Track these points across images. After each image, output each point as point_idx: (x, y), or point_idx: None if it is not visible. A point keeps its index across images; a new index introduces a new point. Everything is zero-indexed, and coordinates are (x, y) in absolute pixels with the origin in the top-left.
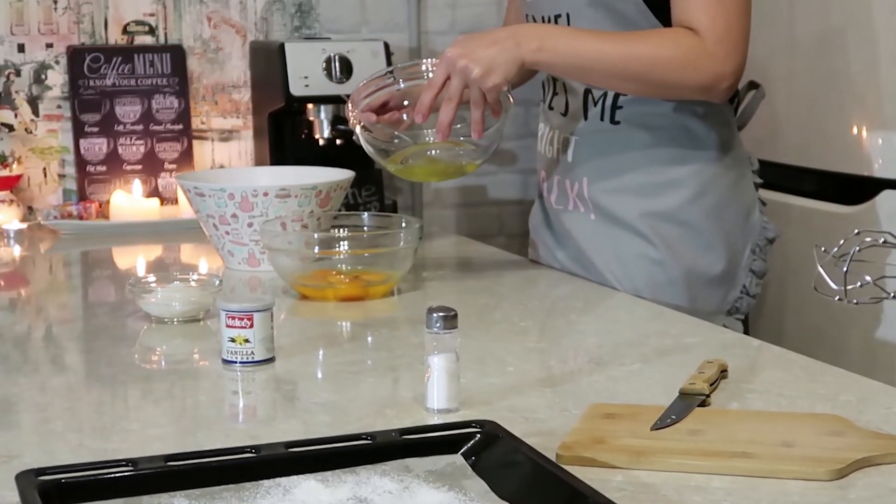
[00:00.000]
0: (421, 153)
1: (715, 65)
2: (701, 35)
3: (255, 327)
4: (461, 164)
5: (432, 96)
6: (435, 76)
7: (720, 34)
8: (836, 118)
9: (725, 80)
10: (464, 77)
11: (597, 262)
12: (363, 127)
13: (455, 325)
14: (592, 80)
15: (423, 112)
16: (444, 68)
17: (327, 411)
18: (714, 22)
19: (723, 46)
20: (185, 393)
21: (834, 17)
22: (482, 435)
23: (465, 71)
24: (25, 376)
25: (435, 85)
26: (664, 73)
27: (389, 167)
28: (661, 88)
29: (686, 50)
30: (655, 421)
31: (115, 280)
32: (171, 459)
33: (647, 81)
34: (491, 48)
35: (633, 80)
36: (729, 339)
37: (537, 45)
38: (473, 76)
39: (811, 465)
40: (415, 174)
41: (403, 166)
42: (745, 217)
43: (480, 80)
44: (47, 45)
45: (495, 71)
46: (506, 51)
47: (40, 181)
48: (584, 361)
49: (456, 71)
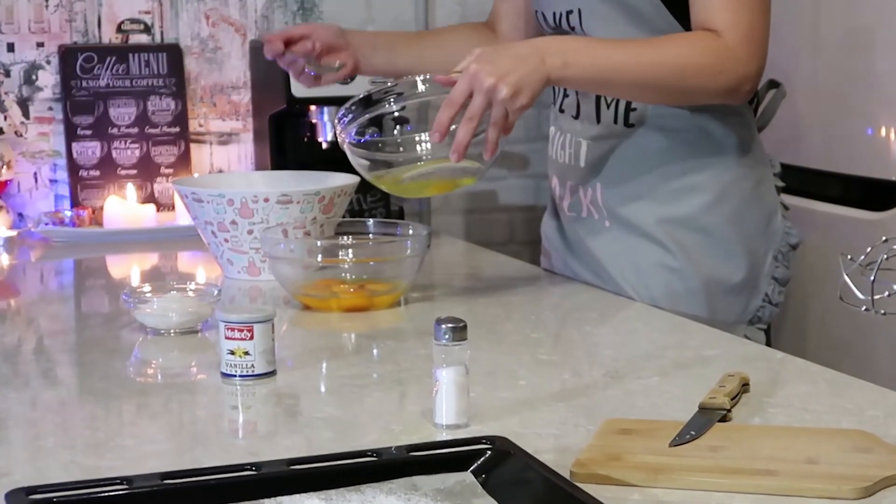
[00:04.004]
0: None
1: (739, 67)
2: (723, 36)
3: (256, 339)
4: (457, 179)
5: (452, 115)
6: (456, 93)
7: (743, 35)
8: (862, 120)
9: (749, 81)
10: (490, 96)
11: (612, 271)
12: (351, 145)
13: (464, 336)
14: (616, 93)
15: (441, 132)
16: (466, 85)
17: (331, 427)
18: (737, 21)
19: (747, 47)
20: (183, 408)
21: (860, 14)
22: (493, 452)
23: (493, 91)
24: (16, 390)
25: (456, 103)
26: (690, 80)
27: (384, 186)
28: (686, 95)
29: (711, 55)
30: (674, 437)
31: (109, 290)
32: (167, 477)
33: (673, 90)
34: (518, 67)
35: (658, 90)
36: (750, 351)
37: (561, 62)
38: (502, 96)
39: (837, 482)
40: (407, 190)
41: (399, 185)
42: (766, 222)
43: (509, 101)
44: (38, 45)
45: (523, 92)
46: (534, 70)
47: (31, 186)
48: (599, 375)
49: (482, 89)
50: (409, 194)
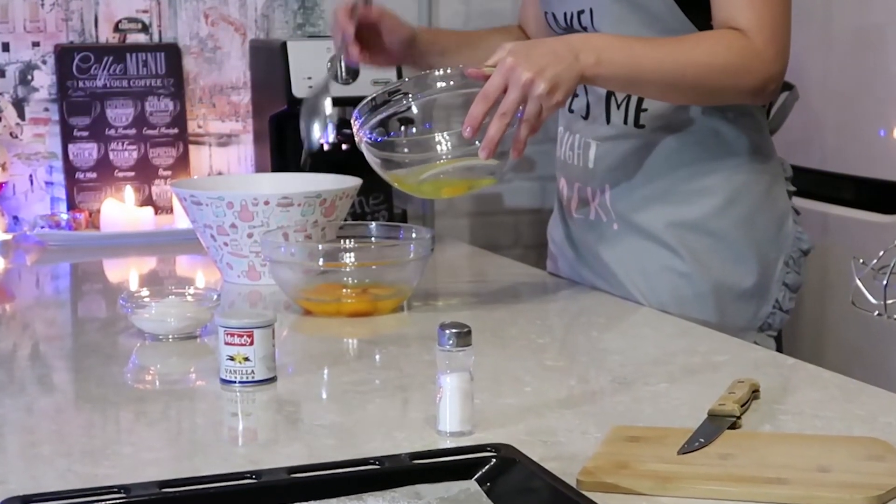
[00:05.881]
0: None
1: (765, 66)
2: (748, 35)
3: (256, 345)
4: (476, 180)
5: (486, 109)
6: (491, 86)
7: (768, 34)
8: (875, 121)
9: (774, 81)
10: (526, 92)
11: (620, 275)
12: (368, 144)
13: (469, 342)
14: (645, 93)
15: (473, 126)
16: (501, 79)
17: (332, 434)
18: (762, 21)
19: (772, 47)
20: (181, 415)
21: (873, 13)
22: (498, 460)
23: (530, 86)
24: (11, 397)
25: (490, 97)
26: (718, 79)
27: (402, 186)
28: (714, 95)
29: (739, 54)
30: (683, 444)
31: (107, 294)
32: (165, 486)
33: (703, 90)
34: (555, 63)
35: (689, 90)
36: (761, 357)
37: (595, 59)
38: (538, 92)
39: (849, 491)
40: (425, 192)
41: (418, 185)
42: (777, 227)
43: (546, 97)
44: (34, 44)
45: (560, 88)
46: (569, 67)
47: (26, 189)
48: (606, 381)
49: (519, 84)
50: (425, 195)
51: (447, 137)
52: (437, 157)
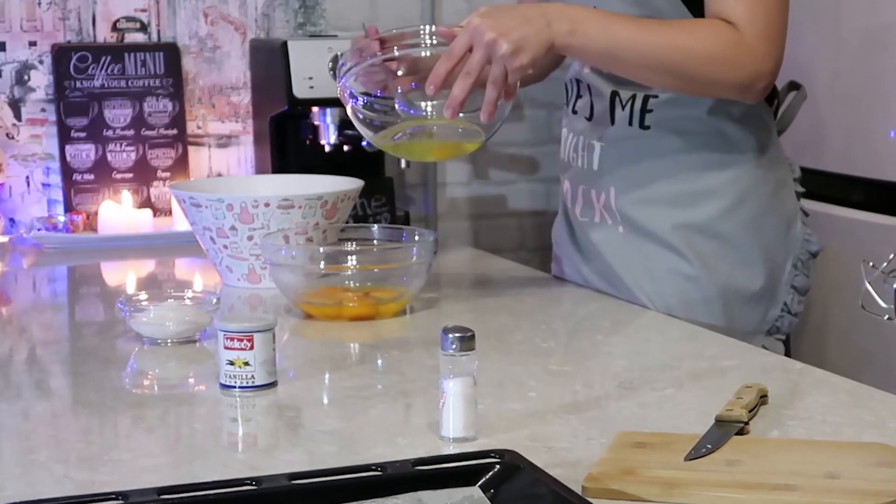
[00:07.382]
0: (418, 130)
1: (755, 62)
2: (740, 29)
3: (256, 349)
4: (461, 142)
5: (450, 67)
6: (455, 45)
7: (760, 29)
8: (885, 122)
9: (763, 79)
10: (489, 52)
11: (625, 279)
12: (352, 95)
13: (472, 346)
14: (623, 71)
15: (436, 84)
16: (467, 38)
17: (334, 440)
18: (754, 16)
19: (763, 43)
20: (180, 420)
21: (882, 13)
22: (501, 466)
23: (493, 46)
24: (7, 402)
25: (455, 56)
26: (701, 67)
27: (380, 144)
28: (696, 84)
29: (726, 44)
30: (689, 450)
31: (104, 298)
32: (164, 493)
33: (682, 75)
34: (522, 26)
35: (666, 73)
36: (769, 361)
37: (569, 29)
38: (501, 52)
39: (858, 498)
40: (411, 152)
41: (396, 143)
42: (785, 229)
43: (509, 58)
44: (30, 44)
45: (525, 50)
46: (538, 31)
47: (23, 191)
48: (611, 386)
49: (482, 44)
50: (412, 156)
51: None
52: (420, 117)
